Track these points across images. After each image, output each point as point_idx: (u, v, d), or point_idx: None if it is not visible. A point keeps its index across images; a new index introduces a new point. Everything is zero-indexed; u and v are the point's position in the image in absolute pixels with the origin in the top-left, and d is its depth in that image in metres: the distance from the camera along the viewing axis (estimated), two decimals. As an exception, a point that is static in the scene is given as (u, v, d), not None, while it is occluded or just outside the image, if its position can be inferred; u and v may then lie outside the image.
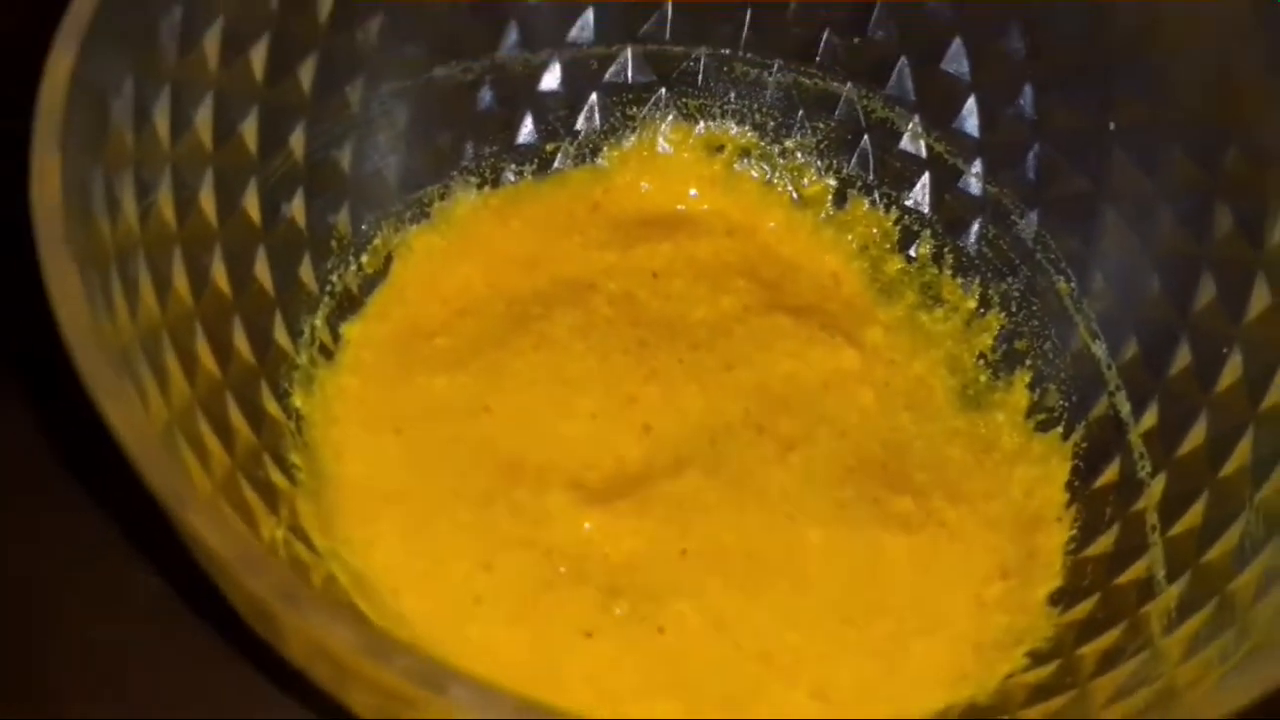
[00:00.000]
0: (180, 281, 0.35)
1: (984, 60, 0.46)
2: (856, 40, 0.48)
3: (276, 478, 0.37)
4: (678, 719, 0.37)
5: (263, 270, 0.40)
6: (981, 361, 0.47)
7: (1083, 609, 0.39)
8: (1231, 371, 0.39)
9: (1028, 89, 0.46)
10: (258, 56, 0.39)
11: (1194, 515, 0.38)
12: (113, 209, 0.33)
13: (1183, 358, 0.41)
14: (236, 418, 0.36)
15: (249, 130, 0.39)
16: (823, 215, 0.51)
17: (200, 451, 0.33)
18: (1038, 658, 0.39)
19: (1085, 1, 0.44)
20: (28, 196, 0.31)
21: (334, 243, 0.44)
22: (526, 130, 0.49)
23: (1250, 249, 0.39)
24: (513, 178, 0.50)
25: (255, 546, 0.31)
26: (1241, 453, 0.38)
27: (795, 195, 0.51)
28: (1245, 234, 0.40)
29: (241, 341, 0.38)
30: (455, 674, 0.27)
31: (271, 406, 0.39)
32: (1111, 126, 0.44)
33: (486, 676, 0.35)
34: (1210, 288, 0.41)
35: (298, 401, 0.41)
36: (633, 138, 0.51)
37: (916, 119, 0.48)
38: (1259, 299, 0.39)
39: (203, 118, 0.37)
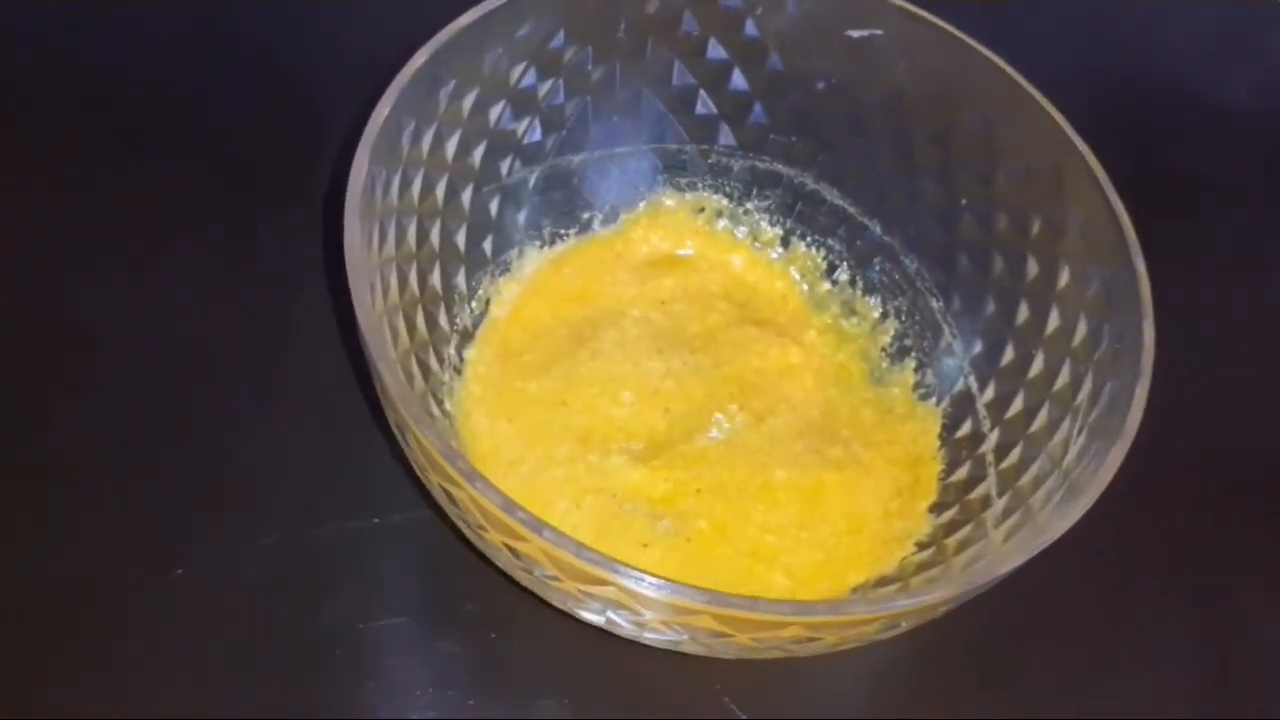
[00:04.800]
0: (388, 340, 0.45)
1: (881, 157, 0.55)
2: (794, 138, 0.57)
3: None
4: None
5: (421, 321, 0.49)
6: (883, 353, 0.56)
7: (948, 516, 0.50)
8: (1036, 366, 0.50)
9: (907, 177, 0.55)
10: (416, 186, 0.49)
11: (1014, 456, 0.49)
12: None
13: (1009, 355, 0.52)
14: (420, 426, 0.49)
15: (410, 234, 0.49)
16: (774, 254, 0.59)
17: (428, 422, 0.43)
18: (921, 546, 0.49)
19: (941, 123, 0.52)
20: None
21: (456, 296, 0.53)
22: (572, 205, 0.57)
23: (1049, 288, 0.50)
24: (563, 238, 0.57)
25: (451, 445, 0.39)
26: (1041, 418, 0.48)
27: (754, 241, 0.59)
28: (1045, 279, 0.50)
29: (415, 371, 0.48)
30: (546, 524, 0.36)
31: (436, 412, 0.48)
32: (963, 202, 0.53)
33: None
34: (1025, 310, 0.51)
35: (448, 406, 0.51)
36: (642, 206, 0.59)
37: (835, 191, 0.57)
38: (1053, 321, 0.50)
39: (390, 232, 0.47)
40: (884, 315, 0.58)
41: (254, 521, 0.51)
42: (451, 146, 0.51)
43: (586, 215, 0.58)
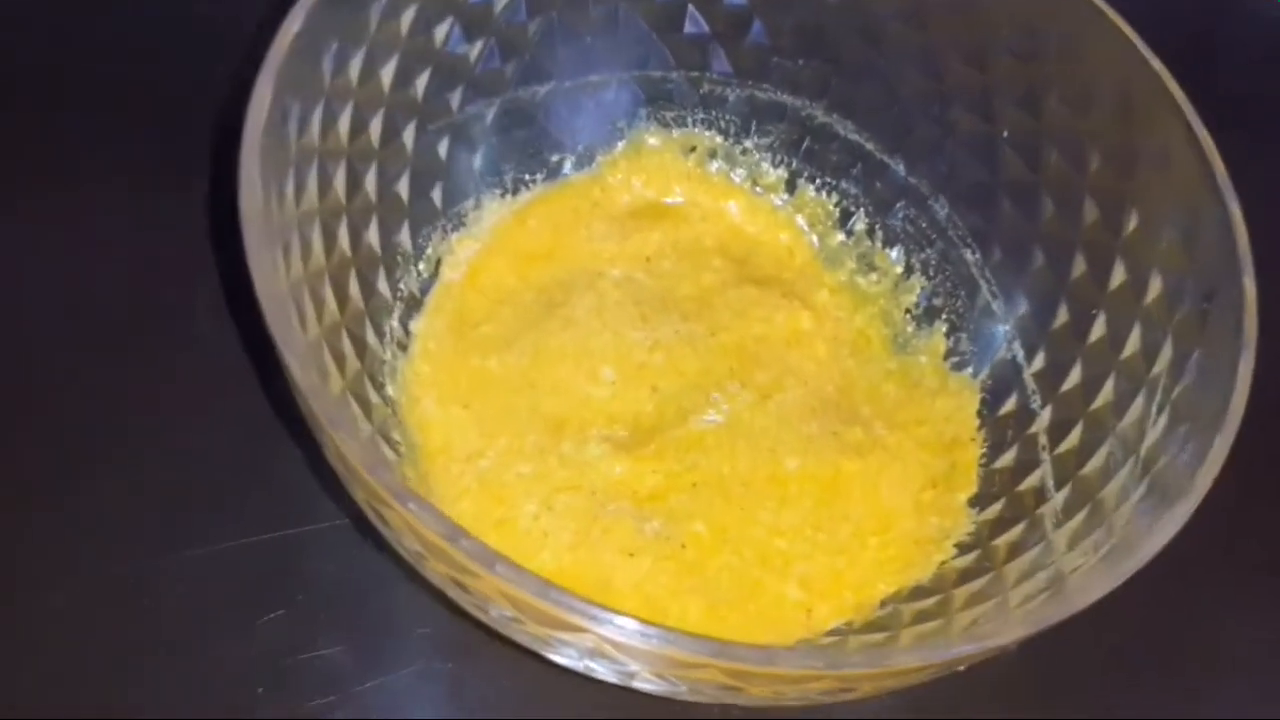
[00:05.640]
0: (309, 310, 0.40)
1: (905, 82, 0.51)
2: (800, 61, 0.53)
3: (388, 454, 0.43)
4: (702, 617, 0.43)
5: (355, 288, 0.45)
6: (908, 316, 0.53)
7: (994, 511, 0.46)
8: (1097, 329, 0.45)
9: (936, 104, 0.50)
10: (343, 123, 0.44)
11: (1073, 439, 0.45)
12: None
13: (1062, 315, 0.47)
14: (356, 410, 0.42)
15: (339, 181, 0.44)
16: (778, 200, 0.55)
17: (348, 424, 0.38)
18: (963, 548, 0.45)
19: (979, 37, 0.48)
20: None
21: (399, 257, 0.48)
22: (538, 146, 0.53)
23: (1110, 236, 0.45)
24: (528, 185, 0.54)
25: (379, 454, 0.36)
26: (1105, 392, 0.44)
27: (754, 185, 0.56)
28: (1107, 225, 0.46)
29: (348, 348, 0.43)
30: (500, 557, 0.31)
31: (374, 397, 0.44)
32: (1005, 134, 0.49)
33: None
34: (1081, 263, 0.47)
35: (390, 390, 0.46)
36: (621, 145, 0.55)
37: (850, 123, 0.53)
38: (1117, 274, 0.45)
39: (312, 178, 0.42)
40: (908, 270, 0.54)
41: (154, 535, 0.46)
42: (388, 73, 0.46)
43: (555, 158, 0.55)
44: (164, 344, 0.50)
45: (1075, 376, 0.46)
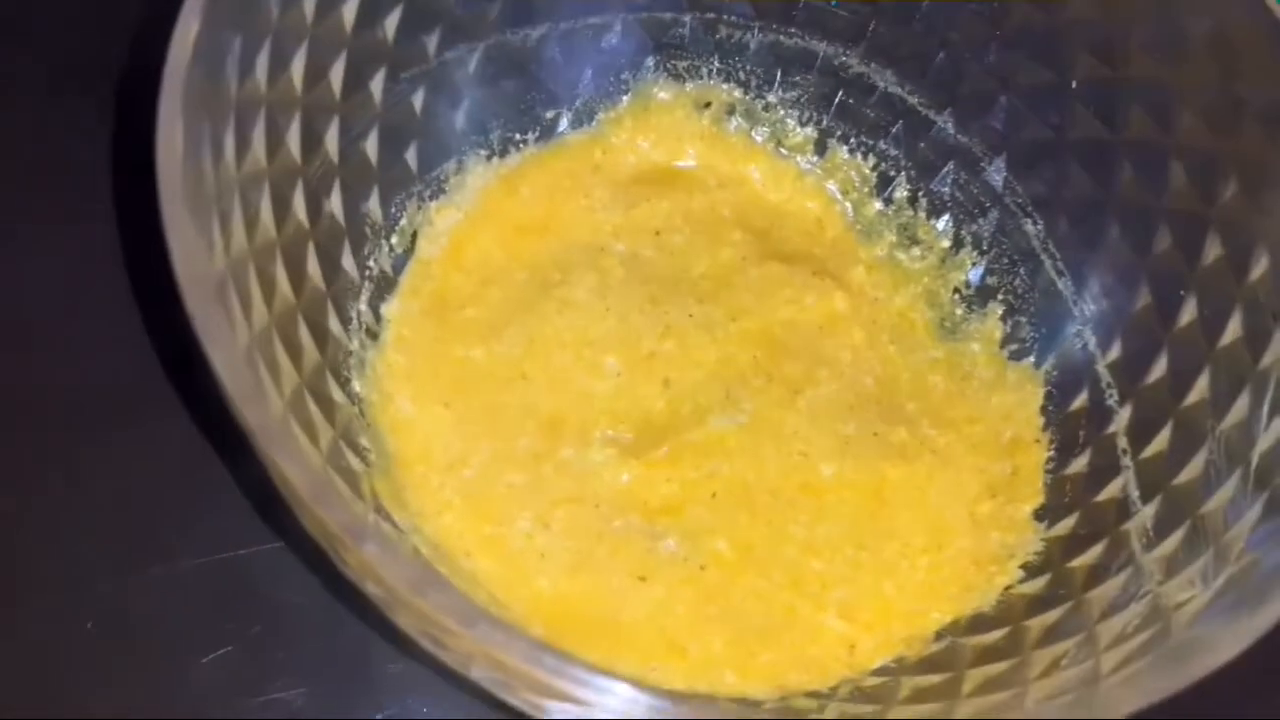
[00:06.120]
0: (256, 292, 0.36)
1: (955, 24, 0.47)
2: (833, 3, 0.49)
3: (354, 463, 0.38)
4: (726, 652, 0.39)
5: (313, 266, 0.40)
6: (957, 296, 0.50)
7: (1066, 525, 0.43)
8: (1188, 313, 0.42)
9: (992, 50, 0.47)
10: (297, 67, 0.39)
11: (1161, 441, 0.41)
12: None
13: (1144, 297, 0.44)
14: (314, 411, 0.37)
15: (292, 138, 0.39)
16: (805, 164, 0.52)
17: (292, 448, 0.35)
18: (1031, 570, 0.42)
19: None
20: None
21: (368, 229, 0.45)
22: (529, 100, 0.50)
23: (1203, 204, 0.41)
24: (519, 146, 0.50)
25: (328, 484, 0.31)
26: (1200, 387, 0.40)
27: (779, 147, 0.52)
28: (1199, 189, 0.42)
29: (305, 337, 0.39)
30: (483, 612, 0.27)
31: (338, 394, 0.40)
32: (1073, 85, 0.45)
33: (560, 625, 0.39)
34: (1166, 235, 0.43)
35: (357, 386, 0.42)
36: (625, 100, 0.52)
37: (890, 73, 0.50)
38: (1211, 249, 0.41)
39: (258, 133, 0.37)
40: (958, 244, 0.51)
41: (85, 562, 0.42)
42: (349, 11, 0.42)
43: (550, 114, 0.52)
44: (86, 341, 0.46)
45: (1160, 368, 0.43)
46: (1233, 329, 0.40)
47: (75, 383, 0.45)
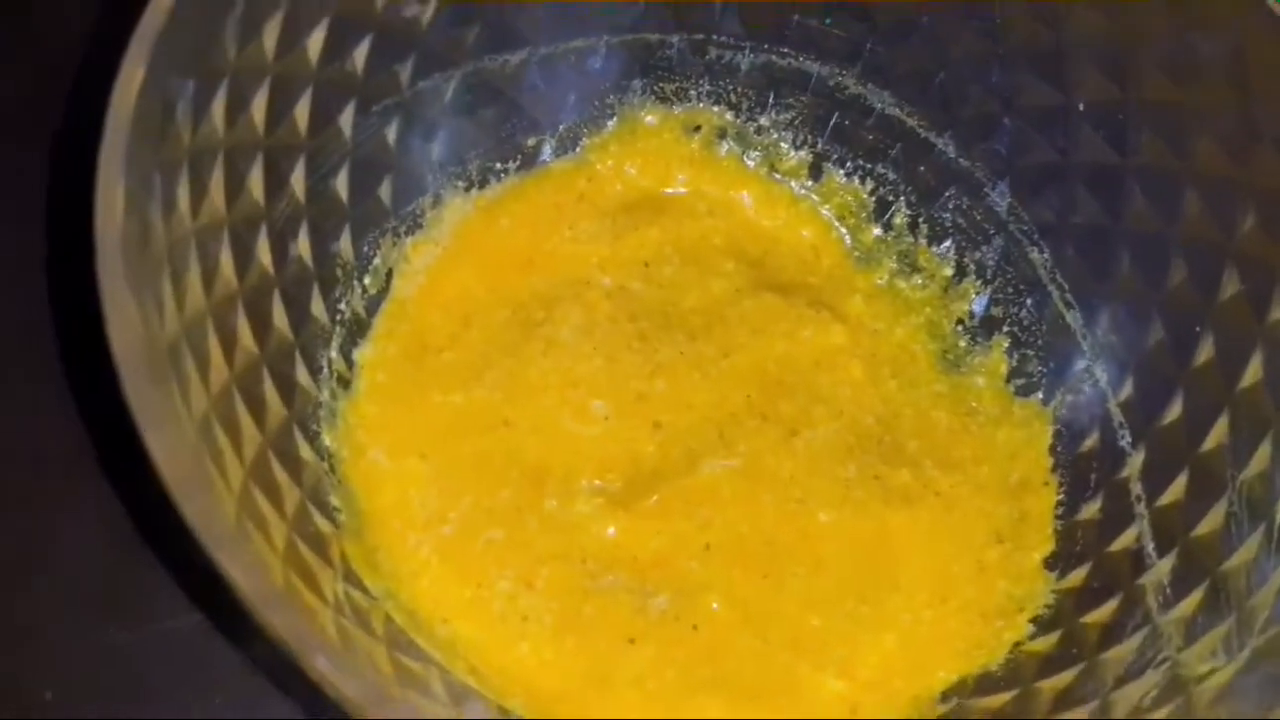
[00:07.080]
0: (215, 349, 0.34)
1: (956, 43, 0.46)
2: (827, 21, 0.48)
3: (322, 525, 0.37)
4: (721, 717, 0.38)
5: (279, 314, 0.39)
6: (960, 327, 0.48)
7: (1077, 576, 0.41)
8: (1205, 351, 0.41)
9: (995, 70, 0.46)
10: (258, 107, 0.38)
11: (1177, 489, 0.40)
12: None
13: (1157, 332, 0.43)
14: (279, 472, 0.35)
15: (254, 181, 0.38)
16: (800, 189, 0.51)
17: (258, 519, 0.33)
18: (1041, 625, 0.41)
19: None
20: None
21: (339, 270, 0.43)
22: (509, 128, 0.49)
23: (1220, 235, 0.40)
24: (499, 176, 0.49)
25: (271, 586, 0.29)
26: (1219, 432, 0.39)
27: (772, 171, 0.51)
28: (1215, 218, 0.40)
29: (270, 392, 0.37)
30: None
31: (306, 451, 0.38)
32: (1081, 106, 0.44)
33: (543, 694, 0.38)
34: (1181, 267, 0.42)
35: (327, 440, 0.40)
36: (611, 125, 0.50)
37: (888, 94, 0.48)
38: (1229, 283, 0.40)
39: (216, 180, 0.36)
40: (960, 272, 0.50)
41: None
42: (315, 43, 0.40)
43: (531, 141, 0.50)
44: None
45: (1175, 410, 0.42)
46: (1253, 370, 0.39)
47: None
